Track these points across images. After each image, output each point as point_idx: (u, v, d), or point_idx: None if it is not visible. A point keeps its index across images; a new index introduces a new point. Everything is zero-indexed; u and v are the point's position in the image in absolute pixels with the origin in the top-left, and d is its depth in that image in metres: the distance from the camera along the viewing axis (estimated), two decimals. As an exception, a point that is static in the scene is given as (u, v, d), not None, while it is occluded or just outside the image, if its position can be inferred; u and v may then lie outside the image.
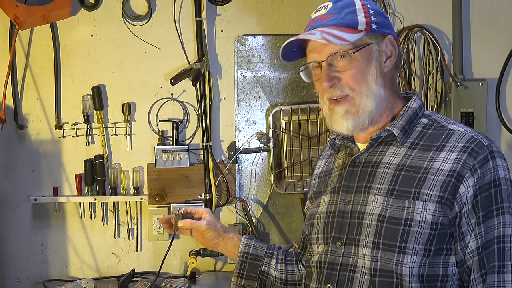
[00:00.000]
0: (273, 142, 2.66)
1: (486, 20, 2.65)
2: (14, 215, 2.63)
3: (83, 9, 2.59)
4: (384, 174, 1.33)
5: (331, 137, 1.52)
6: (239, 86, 2.67)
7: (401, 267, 1.27)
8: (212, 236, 1.60)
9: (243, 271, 1.61)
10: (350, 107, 1.34)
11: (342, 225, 1.36)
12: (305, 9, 2.55)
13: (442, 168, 1.28)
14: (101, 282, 2.54)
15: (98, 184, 2.61)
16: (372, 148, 1.39)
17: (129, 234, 2.67)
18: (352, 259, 1.34)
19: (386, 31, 1.38)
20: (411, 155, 1.33)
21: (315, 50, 1.37)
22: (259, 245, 1.64)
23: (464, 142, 1.29)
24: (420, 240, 1.27)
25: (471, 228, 1.26)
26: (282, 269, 1.61)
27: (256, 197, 2.71)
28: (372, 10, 1.36)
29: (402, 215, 1.28)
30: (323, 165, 1.56)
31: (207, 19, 2.62)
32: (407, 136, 1.36)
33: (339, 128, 1.37)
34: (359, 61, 1.33)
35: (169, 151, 2.59)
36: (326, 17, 1.35)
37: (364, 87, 1.34)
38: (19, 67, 2.59)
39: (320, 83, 1.37)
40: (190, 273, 2.55)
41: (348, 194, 1.38)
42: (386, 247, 1.29)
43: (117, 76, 2.63)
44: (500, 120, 2.65)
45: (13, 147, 2.61)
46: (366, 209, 1.33)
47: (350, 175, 1.39)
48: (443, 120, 1.38)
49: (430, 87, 2.62)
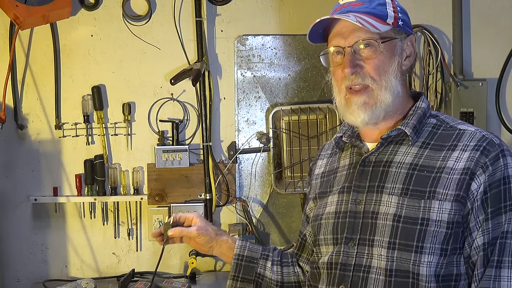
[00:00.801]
0: (273, 142, 2.66)
1: (486, 20, 2.65)
2: (14, 215, 2.63)
3: (83, 9, 2.59)
4: (397, 173, 1.33)
5: (337, 135, 1.50)
6: (239, 86, 2.67)
7: (419, 267, 1.27)
8: (205, 241, 1.58)
9: (238, 273, 1.60)
10: (369, 98, 1.34)
11: (354, 225, 1.35)
12: (305, 9, 2.55)
13: (456, 167, 1.28)
14: (101, 282, 2.54)
15: (98, 184, 2.61)
16: (382, 147, 1.38)
17: (129, 234, 2.67)
18: (366, 260, 1.33)
19: (409, 30, 1.39)
20: (423, 155, 1.33)
21: (341, 35, 1.35)
22: (254, 247, 1.62)
23: (476, 141, 1.30)
24: (437, 240, 1.27)
25: (479, 224, 1.26)
26: (278, 271, 1.60)
27: (256, 197, 2.71)
28: (399, 7, 1.38)
29: (418, 214, 1.28)
30: (325, 164, 1.54)
31: (207, 19, 2.62)
32: (418, 135, 1.36)
33: (354, 119, 1.36)
34: (384, 53, 1.33)
35: (169, 151, 2.59)
36: (357, 4, 1.35)
37: (385, 79, 1.33)
38: (19, 67, 2.59)
39: (342, 69, 1.35)
40: (190, 273, 2.55)
41: (360, 194, 1.37)
42: (402, 247, 1.28)
43: (117, 76, 2.64)
44: (500, 120, 2.65)
45: (13, 147, 2.61)
46: (380, 209, 1.32)
47: (361, 174, 1.38)
48: (451, 120, 1.39)
49: (430, 87, 2.62)
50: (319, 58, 1.42)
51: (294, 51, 2.65)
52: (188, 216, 1.61)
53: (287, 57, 2.66)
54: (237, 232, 2.62)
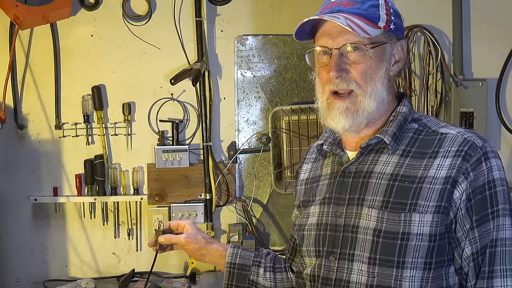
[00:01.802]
0: (273, 142, 2.66)
1: (486, 20, 2.65)
2: (14, 215, 2.63)
3: (83, 9, 2.59)
4: (377, 185, 1.28)
5: (318, 142, 1.45)
6: (239, 86, 2.67)
7: (401, 282, 1.23)
8: (195, 249, 1.58)
9: (231, 282, 1.58)
10: (351, 104, 1.28)
11: (335, 239, 1.31)
12: (305, 9, 2.55)
13: (437, 175, 1.23)
14: (101, 282, 2.54)
15: (98, 184, 2.61)
16: (362, 157, 1.33)
17: (129, 234, 2.67)
18: (346, 274, 1.29)
19: (400, 34, 1.34)
20: (404, 164, 1.28)
21: (329, 35, 1.29)
22: (245, 253, 1.60)
23: (457, 145, 1.25)
24: (419, 254, 1.23)
25: (466, 234, 1.22)
26: (270, 277, 1.58)
27: (256, 197, 2.71)
28: (392, 9, 1.32)
29: (398, 229, 1.23)
30: (309, 170, 1.50)
31: (207, 19, 2.62)
32: (398, 143, 1.30)
33: (335, 124, 1.31)
34: (372, 58, 1.28)
35: (169, 151, 2.59)
36: (349, 4, 1.28)
37: (370, 86, 1.28)
38: (19, 67, 2.59)
39: (327, 71, 1.29)
40: (190, 273, 2.56)
41: (340, 206, 1.32)
42: (383, 262, 1.25)
43: (117, 76, 2.63)
44: (500, 120, 2.64)
45: (13, 147, 2.61)
46: (360, 223, 1.28)
47: (340, 186, 1.34)
48: (433, 124, 1.33)
49: (430, 87, 2.61)
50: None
51: (294, 51, 2.65)
52: (181, 223, 1.62)
53: (287, 57, 2.66)
54: (237, 232, 2.62)
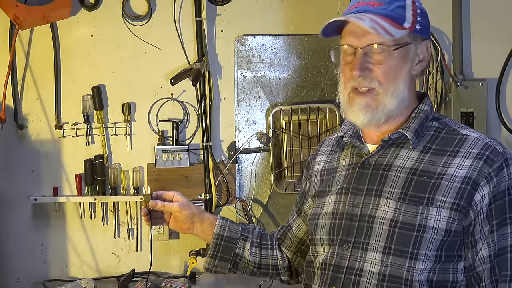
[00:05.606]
0: (273, 142, 2.66)
1: (486, 20, 2.65)
2: (14, 215, 2.63)
3: (83, 9, 2.59)
4: (396, 177, 1.32)
5: (338, 134, 1.48)
6: (239, 86, 2.67)
7: (412, 273, 1.26)
8: (187, 216, 1.58)
9: (217, 252, 1.61)
10: (372, 100, 1.32)
11: (350, 228, 1.35)
12: (305, 9, 2.55)
13: (456, 174, 1.27)
14: (101, 282, 2.55)
15: (98, 184, 2.61)
16: (383, 150, 1.37)
17: (129, 234, 2.67)
18: (358, 263, 1.32)
19: (426, 35, 1.36)
20: (424, 160, 1.31)
21: (355, 35, 1.32)
22: (234, 227, 1.63)
23: (478, 148, 1.28)
24: (432, 246, 1.26)
25: (484, 236, 1.26)
26: (256, 252, 1.62)
27: (256, 197, 2.71)
28: (419, 10, 1.34)
29: (415, 221, 1.27)
30: (325, 161, 1.53)
31: (207, 19, 2.62)
32: (420, 139, 1.34)
33: (354, 119, 1.35)
34: (395, 59, 1.30)
35: (169, 151, 2.59)
36: (376, 4, 1.31)
37: (392, 86, 1.31)
38: (19, 67, 2.59)
39: (350, 69, 1.33)
40: (190, 273, 2.55)
41: (357, 196, 1.36)
42: (398, 252, 1.28)
43: (117, 76, 2.63)
44: (500, 120, 2.64)
45: (13, 147, 2.61)
46: (377, 213, 1.32)
47: (359, 177, 1.37)
48: (453, 124, 1.37)
49: (430, 87, 2.61)
50: (319, 58, 1.41)
51: (294, 51, 2.65)
52: (169, 193, 1.60)
53: (287, 57, 2.66)
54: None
